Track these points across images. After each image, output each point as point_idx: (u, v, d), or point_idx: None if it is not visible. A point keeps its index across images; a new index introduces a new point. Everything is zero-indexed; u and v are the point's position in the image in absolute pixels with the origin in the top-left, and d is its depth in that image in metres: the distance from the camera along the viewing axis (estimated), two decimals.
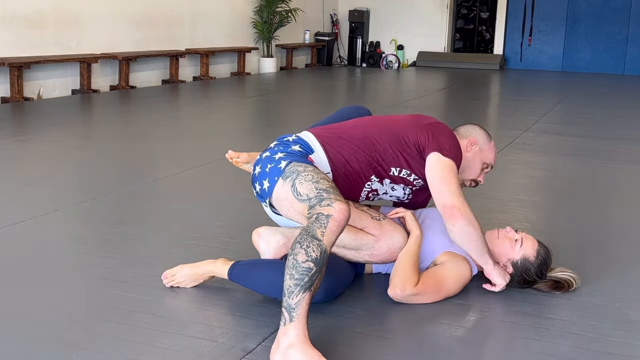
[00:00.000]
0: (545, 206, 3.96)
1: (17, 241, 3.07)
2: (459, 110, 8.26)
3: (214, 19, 10.99)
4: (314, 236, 2.08)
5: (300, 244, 2.07)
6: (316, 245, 2.06)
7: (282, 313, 2.02)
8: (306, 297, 2.01)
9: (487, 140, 2.80)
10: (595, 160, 5.25)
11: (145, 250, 2.94)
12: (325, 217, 2.13)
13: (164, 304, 2.46)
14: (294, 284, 2.01)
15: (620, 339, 2.28)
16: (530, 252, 2.58)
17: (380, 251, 2.51)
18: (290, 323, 1.99)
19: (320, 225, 2.11)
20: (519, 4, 14.16)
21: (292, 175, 2.38)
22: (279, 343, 2.00)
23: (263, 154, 2.58)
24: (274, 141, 2.64)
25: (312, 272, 2.03)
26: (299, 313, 2.00)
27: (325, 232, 2.10)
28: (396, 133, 2.62)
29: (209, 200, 3.81)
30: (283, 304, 2.02)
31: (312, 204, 2.23)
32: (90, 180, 4.21)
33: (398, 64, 13.89)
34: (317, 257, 2.05)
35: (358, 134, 2.62)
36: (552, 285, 2.61)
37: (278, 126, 6.76)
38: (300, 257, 2.04)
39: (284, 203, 2.41)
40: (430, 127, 2.64)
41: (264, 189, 2.48)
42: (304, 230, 2.12)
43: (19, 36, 7.66)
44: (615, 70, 13.73)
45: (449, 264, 2.55)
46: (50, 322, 2.27)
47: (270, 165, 2.48)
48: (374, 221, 2.52)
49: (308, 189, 2.30)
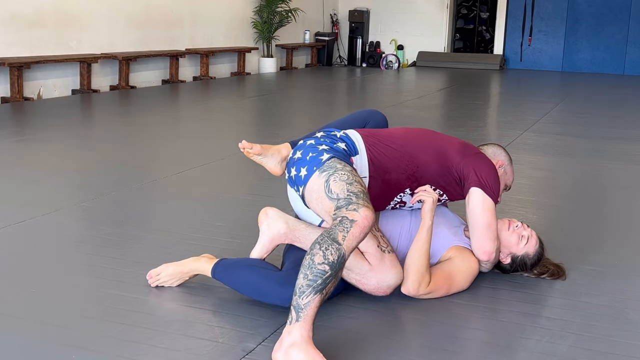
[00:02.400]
0: (545, 206, 3.96)
1: (17, 241, 3.07)
2: (459, 110, 8.26)
3: (214, 19, 10.99)
4: (335, 239, 2.07)
5: (320, 245, 2.05)
6: (335, 249, 2.04)
7: (290, 311, 2.01)
8: (316, 300, 2.00)
9: (510, 163, 2.89)
10: (595, 160, 5.25)
11: (145, 250, 2.94)
12: (350, 221, 2.11)
13: (164, 304, 2.46)
14: (306, 284, 2.00)
15: (620, 339, 2.28)
16: (531, 251, 2.70)
17: (369, 282, 2.42)
18: (296, 323, 1.99)
19: (343, 229, 2.09)
20: (519, 4, 14.16)
21: (329, 171, 2.35)
22: (282, 341, 1.99)
23: (307, 141, 2.53)
24: (319, 131, 2.62)
25: (326, 275, 2.01)
26: (306, 314, 1.99)
27: (346, 237, 2.08)
28: (443, 155, 2.62)
29: (209, 200, 3.81)
30: (292, 303, 2.01)
31: (340, 205, 2.21)
32: (90, 180, 4.21)
33: (398, 64, 13.89)
34: (334, 261, 2.03)
35: (406, 146, 2.60)
36: (543, 272, 2.76)
37: (278, 126, 6.77)
38: (317, 258, 2.02)
39: (314, 196, 2.37)
40: (476, 158, 2.65)
41: (300, 176, 2.44)
42: (325, 231, 2.11)
43: (19, 36, 7.66)
44: (615, 70, 13.73)
45: (457, 259, 2.60)
46: (50, 322, 2.27)
47: (312, 154, 2.44)
48: (378, 250, 2.43)
49: (340, 189, 2.27)
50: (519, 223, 2.72)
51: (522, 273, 2.76)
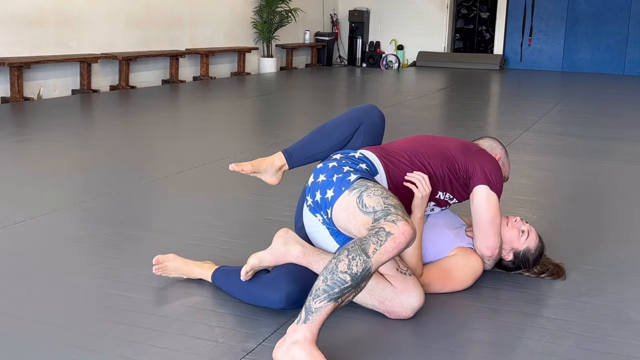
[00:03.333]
0: (545, 206, 3.96)
1: (17, 241, 3.07)
2: (459, 110, 8.26)
3: (214, 19, 10.99)
4: (365, 251, 1.99)
5: (348, 252, 1.99)
6: (362, 261, 1.98)
7: (301, 310, 1.99)
8: (329, 307, 1.96)
9: (506, 155, 2.92)
10: (595, 160, 5.24)
11: (145, 250, 2.94)
12: (386, 234, 2.02)
13: (164, 304, 2.46)
14: (323, 289, 1.96)
15: (620, 339, 2.28)
16: (532, 246, 2.71)
17: (393, 304, 2.34)
18: (303, 324, 1.96)
19: (377, 242, 2.01)
20: (519, 4, 14.16)
21: (360, 188, 2.29)
22: (285, 339, 1.98)
23: (329, 163, 2.48)
24: (336, 153, 2.58)
25: (345, 285, 1.96)
26: (315, 318, 1.96)
27: (377, 251, 1.99)
28: (448, 159, 2.62)
29: (209, 200, 3.81)
30: (305, 302, 1.98)
31: (377, 217, 2.14)
32: (90, 180, 4.21)
33: (398, 64, 13.89)
34: (357, 273, 1.97)
35: (414, 158, 2.59)
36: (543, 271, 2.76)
37: (278, 126, 6.77)
38: (341, 265, 1.97)
39: (344, 214, 2.30)
40: (479, 155, 2.66)
41: (326, 198, 2.37)
42: (358, 239, 2.04)
43: (19, 36, 7.66)
44: (615, 70, 13.73)
45: (458, 257, 2.61)
46: (50, 322, 2.27)
47: (337, 175, 2.39)
48: (399, 273, 2.36)
49: (375, 202, 2.20)
50: (517, 218, 2.74)
51: (523, 272, 2.76)
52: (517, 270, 2.77)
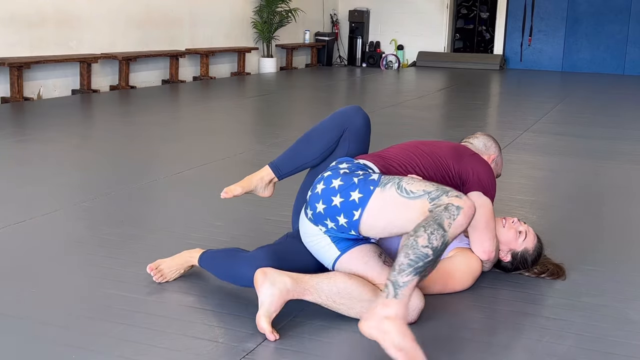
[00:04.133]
0: (545, 206, 3.96)
1: (17, 241, 3.07)
2: (459, 110, 8.26)
3: (214, 19, 10.99)
4: (441, 225, 2.03)
5: (425, 229, 2.02)
6: (440, 235, 2.02)
7: (387, 285, 1.99)
8: (414, 281, 1.98)
9: (500, 153, 2.93)
10: (595, 160, 5.24)
11: (145, 251, 2.94)
12: (456, 208, 2.07)
13: (164, 304, 2.46)
14: (407, 263, 1.98)
15: (620, 339, 2.28)
16: (530, 246, 2.71)
17: None
18: (393, 299, 1.97)
19: (450, 216, 2.05)
20: (519, 4, 14.16)
21: (393, 180, 2.27)
22: (376, 311, 1.97)
23: (339, 169, 2.40)
24: (340, 162, 2.48)
25: (428, 259, 1.99)
26: (404, 293, 1.98)
27: (452, 224, 2.04)
28: (440, 166, 2.60)
29: (209, 200, 3.81)
30: (390, 278, 1.99)
31: (435, 196, 2.15)
32: (90, 180, 4.21)
33: (398, 64, 13.89)
34: (438, 247, 2.00)
35: (407, 166, 2.56)
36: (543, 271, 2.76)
37: (278, 126, 6.77)
38: (422, 240, 2.00)
39: (387, 210, 2.24)
40: (472, 160, 2.66)
41: (353, 201, 2.29)
42: (431, 215, 2.07)
43: (19, 36, 7.66)
44: (615, 70, 13.73)
45: (457, 258, 2.62)
46: (50, 322, 2.27)
47: (356, 178, 2.33)
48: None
49: (422, 186, 2.21)
50: (515, 219, 2.73)
51: (523, 272, 2.76)
52: (516, 271, 2.76)
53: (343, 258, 2.37)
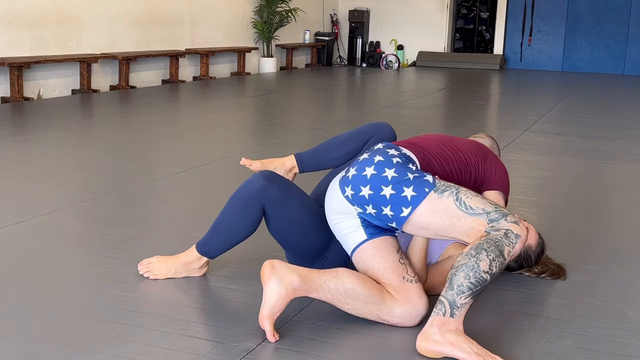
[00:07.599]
0: (545, 206, 3.96)
1: (17, 241, 3.07)
2: (459, 110, 8.25)
3: (214, 19, 10.99)
4: (502, 252, 2.09)
5: (487, 253, 2.07)
6: (500, 262, 2.08)
7: (443, 303, 2.07)
8: (471, 303, 2.09)
9: (499, 153, 2.95)
10: (595, 160, 5.24)
11: (145, 250, 2.94)
12: (515, 236, 2.12)
13: (163, 304, 2.46)
14: (467, 286, 2.05)
15: (620, 339, 2.28)
16: (533, 243, 2.71)
17: (393, 315, 2.27)
18: (450, 317, 2.06)
19: (509, 244, 2.10)
20: (519, 4, 14.16)
21: (450, 189, 2.23)
22: (434, 330, 2.06)
23: (391, 158, 2.32)
24: (388, 147, 2.38)
25: (485, 283, 2.07)
26: (461, 313, 2.08)
27: (511, 252, 2.11)
28: (470, 165, 2.58)
29: (209, 200, 3.81)
30: (446, 296, 2.07)
31: (495, 218, 2.16)
32: (90, 180, 4.21)
33: (398, 64, 13.89)
34: (495, 274, 2.08)
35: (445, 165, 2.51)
36: (543, 270, 2.77)
37: (278, 126, 6.76)
38: (483, 265, 2.06)
39: (440, 216, 2.21)
40: (494, 160, 2.68)
41: (405, 197, 2.22)
42: (492, 240, 2.10)
43: (19, 36, 7.66)
44: (615, 70, 13.73)
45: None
46: (50, 322, 2.27)
47: (411, 174, 2.26)
48: (405, 282, 2.29)
49: (481, 204, 2.20)
50: (516, 216, 2.72)
51: (524, 272, 2.76)
52: (519, 270, 2.76)
53: (367, 244, 2.30)
